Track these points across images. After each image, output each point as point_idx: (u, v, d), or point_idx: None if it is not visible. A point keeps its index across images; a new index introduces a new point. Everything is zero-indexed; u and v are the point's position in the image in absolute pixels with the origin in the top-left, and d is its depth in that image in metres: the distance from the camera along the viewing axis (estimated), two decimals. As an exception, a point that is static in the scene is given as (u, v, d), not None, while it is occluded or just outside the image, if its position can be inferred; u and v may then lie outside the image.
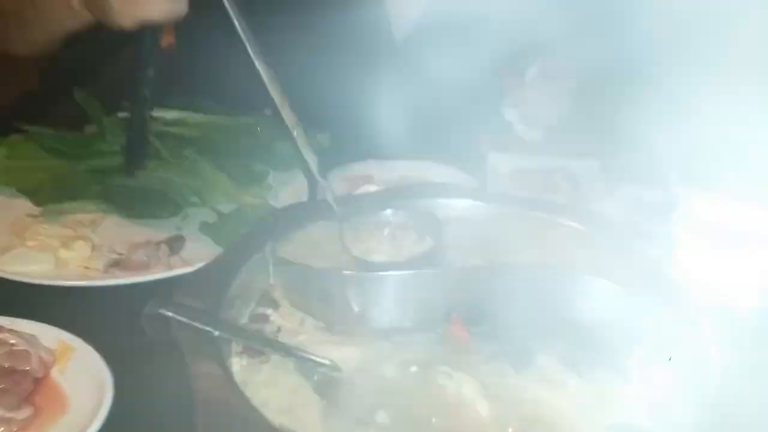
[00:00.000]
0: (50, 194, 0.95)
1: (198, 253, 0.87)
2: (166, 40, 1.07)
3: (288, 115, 0.67)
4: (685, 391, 0.52)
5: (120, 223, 0.95)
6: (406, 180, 1.13)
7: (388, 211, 0.75)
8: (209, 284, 0.59)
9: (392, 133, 1.26)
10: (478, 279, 0.62)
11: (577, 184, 1.13)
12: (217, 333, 0.53)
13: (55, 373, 0.64)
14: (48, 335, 0.67)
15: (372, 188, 0.95)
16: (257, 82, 0.65)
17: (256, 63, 0.62)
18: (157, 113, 1.06)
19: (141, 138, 0.75)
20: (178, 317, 0.52)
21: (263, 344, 0.59)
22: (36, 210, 0.94)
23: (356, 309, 0.62)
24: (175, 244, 0.88)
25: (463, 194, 0.78)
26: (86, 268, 0.84)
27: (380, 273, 0.61)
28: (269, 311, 0.65)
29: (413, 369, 0.57)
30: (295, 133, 0.68)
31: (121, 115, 1.05)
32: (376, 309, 0.62)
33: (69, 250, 0.85)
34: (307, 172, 0.70)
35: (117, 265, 0.83)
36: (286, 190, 1.03)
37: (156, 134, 1.02)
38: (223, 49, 0.64)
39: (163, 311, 0.52)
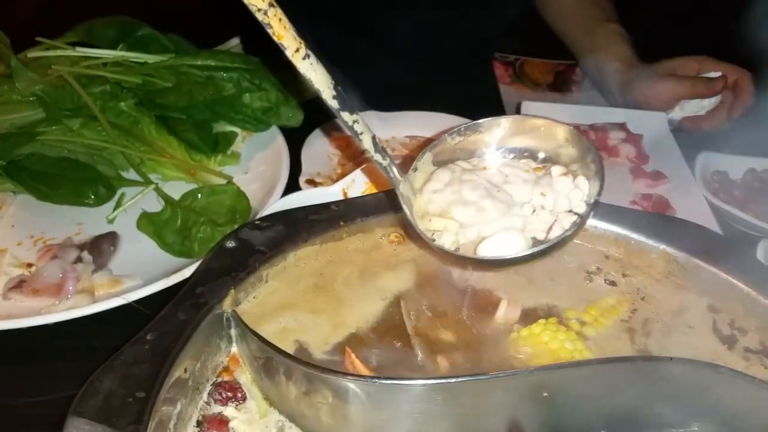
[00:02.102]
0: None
1: (133, 265, 0.63)
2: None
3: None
4: None
5: (32, 210, 0.70)
6: (416, 139, 0.88)
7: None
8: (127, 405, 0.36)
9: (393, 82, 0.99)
10: (558, 383, 0.39)
11: (643, 149, 0.87)
12: None
13: None
14: None
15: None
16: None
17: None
18: (82, 50, 0.77)
19: None
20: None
21: None
22: None
23: (366, 425, 0.39)
24: (103, 247, 0.64)
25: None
26: (-22, 288, 0.60)
27: (402, 382, 0.37)
28: (228, 409, 0.43)
29: None
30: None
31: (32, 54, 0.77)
32: (397, 428, 0.39)
33: (-45, 260, 0.61)
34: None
35: (20, 286, 0.59)
36: (261, 158, 0.77)
37: (81, 80, 0.74)
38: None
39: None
